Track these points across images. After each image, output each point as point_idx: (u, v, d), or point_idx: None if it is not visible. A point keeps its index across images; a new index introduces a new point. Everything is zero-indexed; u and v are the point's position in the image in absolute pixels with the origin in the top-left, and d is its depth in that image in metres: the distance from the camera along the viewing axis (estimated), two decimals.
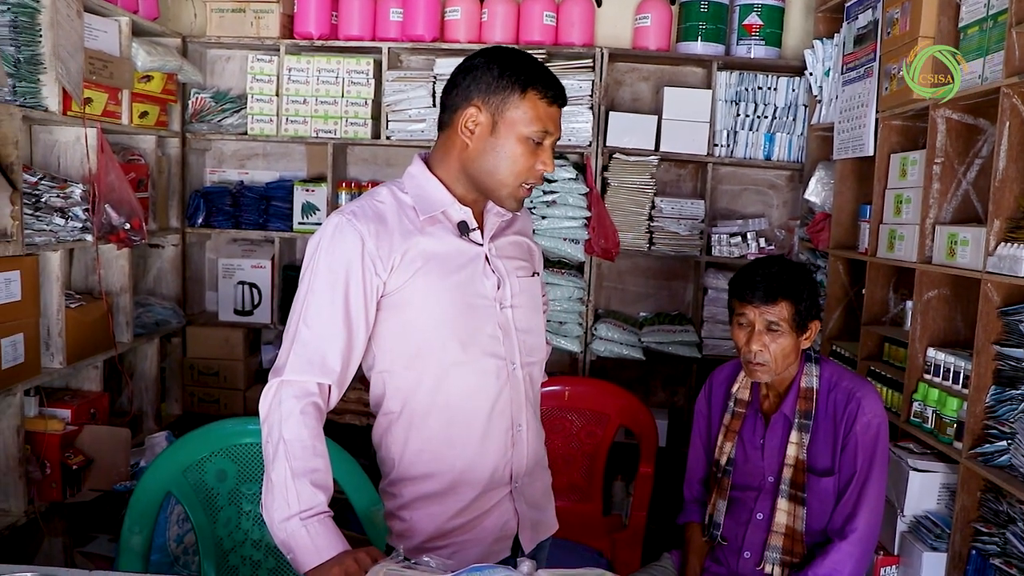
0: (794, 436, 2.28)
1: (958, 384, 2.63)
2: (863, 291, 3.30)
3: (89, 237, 3.33)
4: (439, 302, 1.71)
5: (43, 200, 3.14)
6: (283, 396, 1.61)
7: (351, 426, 3.66)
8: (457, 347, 1.72)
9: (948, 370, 2.68)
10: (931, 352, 2.78)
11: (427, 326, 1.71)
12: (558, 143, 4.07)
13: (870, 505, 2.22)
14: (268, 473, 1.58)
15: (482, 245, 1.79)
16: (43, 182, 3.14)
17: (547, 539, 2.00)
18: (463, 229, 1.77)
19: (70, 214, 3.24)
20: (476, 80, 1.71)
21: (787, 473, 2.27)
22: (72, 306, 3.39)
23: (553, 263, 4.24)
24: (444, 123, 1.78)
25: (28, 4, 3.01)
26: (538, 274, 1.94)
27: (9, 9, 2.95)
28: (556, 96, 1.73)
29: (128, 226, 3.50)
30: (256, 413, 1.65)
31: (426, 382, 1.73)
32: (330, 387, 1.65)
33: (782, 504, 2.27)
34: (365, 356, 1.74)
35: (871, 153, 3.19)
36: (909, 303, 2.99)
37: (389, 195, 1.75)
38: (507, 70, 1.69)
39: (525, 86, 1.69)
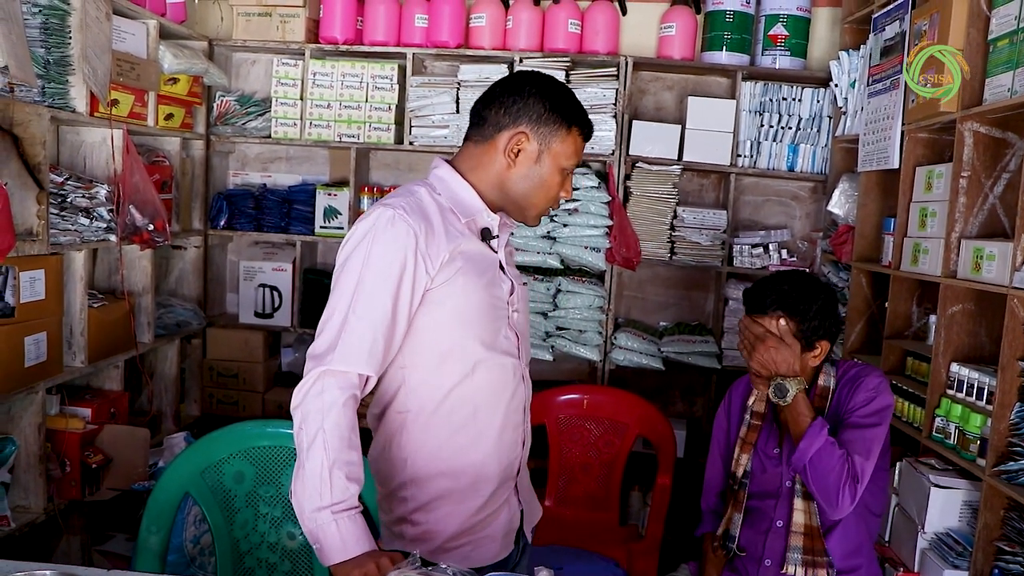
0: None
1: (982, 400, 2.59)
2: (886, 304, 3.27)
3: (113, 237, 3.36)
4: (471, 302, 1.75)
5: (69, 200, 3.17)
6: (326, 385, 1.61)
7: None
8: (482, 345, 1.77)
9: (972, 386, 2.65)
10: (954, 367, 2.75)
11: (457, 324, 1.74)
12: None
13: (866, 441, 2.19)
14: (302, 461, 1.58)
15: (497, 252, 1.86)
16: (69, 182, 3.17)
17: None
18: (485, 235, 1.82)
19: (95, 214, 3.27)
20: (527, 107, 1.78)
21: None
22: (95, 306, 3.41)
23: (574, 271, 4.24)
24: (483, 137, 1.82)
25: (59, 6, 3.04)
26: (526, 283, 2.05)
27: (40, 11, 2.99)
28: (588, 136, 1.86)
29: (151, 227, 3.52)
30: (274, 416, 1.66)
31: (452, 378, 1.75)
32: (368, 378, 1.66)
33: (798, 504, 2.27)
34: None
35: (896, 166, 3.16)
36: (932, 317, 2.96)
37: (427, 195, 1.78)
38: (558, 105, 1.79)
39: (571, 123, 1.80)
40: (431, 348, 1.74)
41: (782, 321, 2.24)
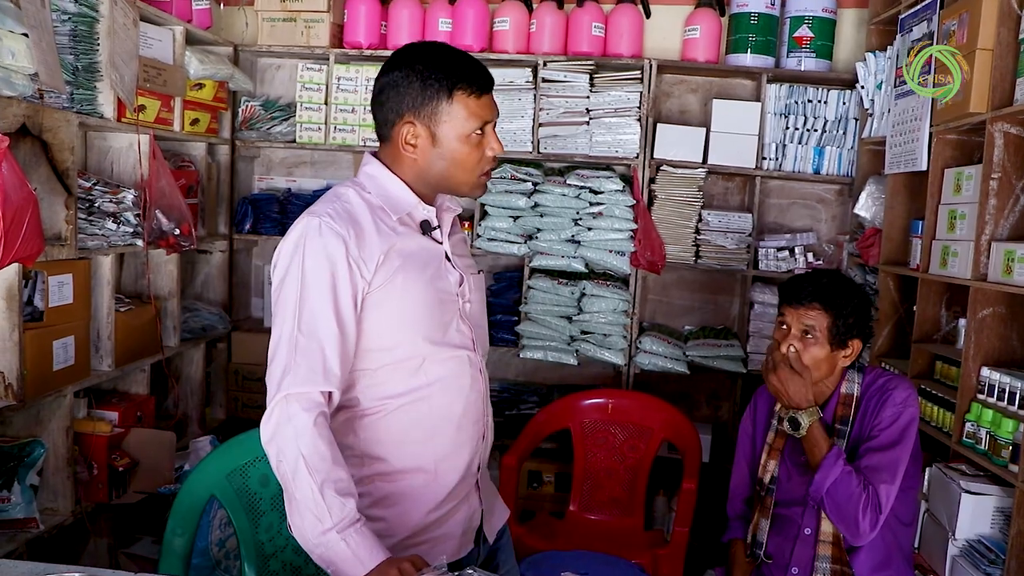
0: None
1: (1014, 405, 2.56)
2: (914, 308, 3.23)
3: (140, 242, 3.38)
4: (415, 299, 1.71)
5: (96, 205, 3.19)
6: (292, 411, 1.57)
7: None
8: (431, 342, 1.73)
9: (1003, 390, 2.61)
10: (985, 371, 2.71)
11: (403, 322, 1.71)
12: (604, 154, 4.09)
13: (891, 464, 2.16)
14: (291, 492, 1.55)
15: (442, 243, 1.82)
16: (97, 187, 3.20)
17: (505, 526, 2.02)
18: (425, 228, 1.79)
19: (122, 219, 3.29)
20: (400, 94, 1.72)
21: None
22: (122, 310, 3.44)
23: (598, 275, 4.22)
24: (383, 136, 1.79)
25: (87, 14, 3.07)
26: (482, 271, 1.98)
27: (70, 19, 3.02)
28: (482, 85, 1.74)
29: (178, 231, 3.55)
30: None
31: (402, 375, 1.72)
32: (331, 393, 1.63)
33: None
34: None
35: (924, 168, 3.13)
36: (962, 321, 2.93)
37: (356, 196, 1.74)
38: (428, 77, 1.70)
39: (450, 89, 1.70)
40: (378, 349, 1.71)
41: (821, 316, 2.22)
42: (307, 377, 1.59)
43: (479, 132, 1.74)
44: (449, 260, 1.82)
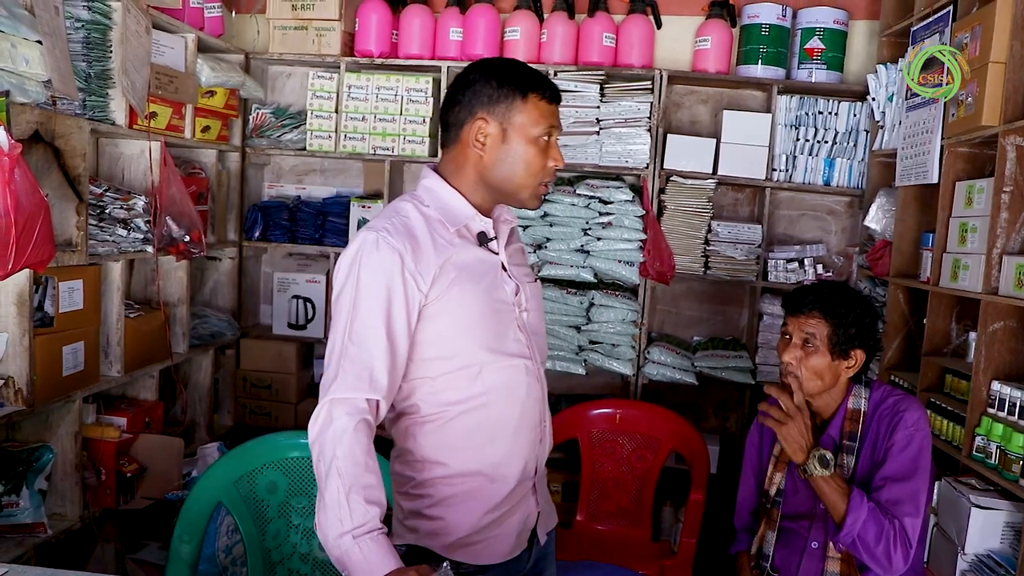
0: (840, 459, 2.24)
1: None
2: (924, 321, 3.22)
3: (150, 248, 3.39)
4: (471, 310, 1.76)
5: (107, 211, 3.21)
6: (335, 415, 1.62)
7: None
8: (488, 350, 1.78)
9: (1014, 404, 2.60)
10: (996, 385, 2.70)
11: (460, 333, 1.76)
12: (614, 164, 4.09)
13: (912, 496, 2.14)
14: (321, 491, 1.59)
15: (498, 254, 1.86)
16: (108, 194, 3.21)
17: (553, 530, 2.05)
18: (482, 239, 1.83)
19: (132, 225, 3.31)
20: (477, 94, 1.79)
21: None
22: (131, 316, 3.45)
23: (607, 285, 4.22)
24: (451, 139, 1.85)
25: (101, 21, 3.09)
26: (539, 280, 2.04)
27: (83, 26, 3.04)
28: (552, 95, 1.82)
29: (188, 238, 3.56)
30: (307, 427, 1.67)
31: (461, 385, 1.77)
32: (378, 402, 1.67)
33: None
34: None
35: (935, 180, 3.12)
36: (972, 334, 2.91)
37: (414, 210, 1.80)
38: (505, 78, 1.79)
39: (525, 91, 1.78)
40: (437, 359, 1.76)
41: (821, 325, 2.21)
42: (353, 384, 1.65)
43: (546, 138, 1.80)
44: (506, 270, 1.86)
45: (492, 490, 1.81)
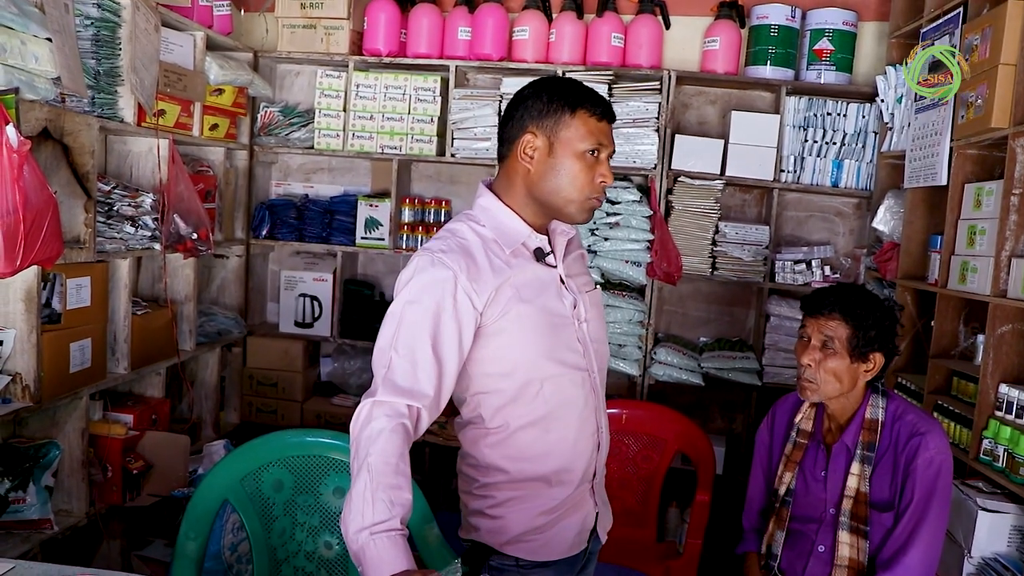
0: (855, 468, 2.23)
1: None
2: (931, 323, 3.21)
3: (157, 246, 3.40)
4: (530, 327, 1.80)
5: (115, 208, 3.21)
6: (374, 415, 1.66)
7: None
8: (548, 364, 1.82)
9: (1022, 407, 2.59)
10: (1003, 388, 2.69)
11: (521, 349, 1.80)
12: (622, 165, 4.09)
13: (924, 543, 2.14)
14: (351, 487, 1.63)
15: (555, 267, 1.90)
16: (116, 191, 3.22)
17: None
18: (539, 255, 1.87)
19: (140, 223, 3.31)
20: (528, 109, 1.83)
21: (847, 505, 2.22)
22: (138, 313, 3.46)
23: (614, 285, 4.21)
24: (504, 155, 1.89)
25: (110, 19, 3.10)
26: (598, 287, 2.07)
27: (93, 23, 3.04)
28: (604, 112, 1.84)
29: (195, 236, 3.56)
30: (313, 425, 1.69)
31: (523, 399, 1.83)
32: (419, 410, 1.70)
33: (844, 537, 2.22)
34: (460, 380, 1.81)
35: (944, 182, 3.11)
36: (980, 337, 2.90)
37: (470, 231, 1.84)
38: (555, 94, 1.82)
39: (574, 106, 1.81)
40: (498, 375, 1.82)
41: (840, 327, 2.21)
42: (395, 390, 1.69)
43: (593, 154, 1.81)
44: (564, 283, 1.90)
45: (551, 494, 1.87)
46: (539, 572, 1.88)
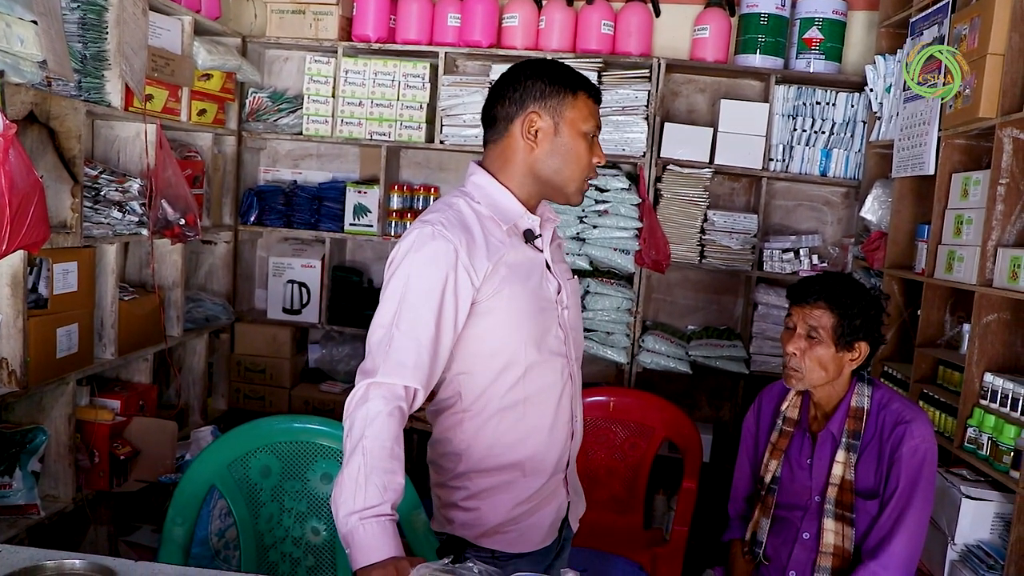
0: (840, 456, 2.24)
1: (1016, 411, 2.56)
2: (918, 312, 3.23)
3: (144, 231, 3.38)
4: (519, 308, 1.80)
5: (102, 193, 3.19)
6: (371, 396, 1.64)
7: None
8: (533, 348, 1.82)
9: (1006, 396, 2.61)
10: (988, 377, 2.71)
11: (508, 330, 1.79)
12: (611, 153, 4.10)
13: (908, 531, 2.15)
14: (343, 467, 1.61)
15: (543, 251, 1.90)
16: (103, 176, 3.20)
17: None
18: (528, 236, 1.86)
19: (127, 208, 3.30)
20: (528, 90, 1.83)
21: (832, 493, 2.23)
22: (125, 298, 3.44)
23: (602, 273, 4.22)
24: (498, 134, 1.87)
25: (96, 2, 3.07)
26: (576, 276, 2.07)
27: (79, 7, 3.01)
28: (597, 95, 1.89)
29: (183, 221, 3.55)
30: (300, 411, 1.69)
31: (505, 381, 1.81)
32: (416, 391, 1.69)
33: (829, 524, 2.23)
34: None
35: (932, 172, 3.12)
36: (966, 326, 2.92)
37: (466, 206, 1.82)
38: (556, 77, 1.84)
39: (575, 88, 1.84)
40: (485, 356, 1.80)
41: (826, 316, 2.21)
42: (395, 371, 1.67)
43: (591, 136, 1.85)
44: (549, 269, 1.90)
45: (525, 484, 1.86)
46: (515, 564, 1.86)
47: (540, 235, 1.89)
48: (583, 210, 4.09)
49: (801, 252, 4.19)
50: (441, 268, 1.70)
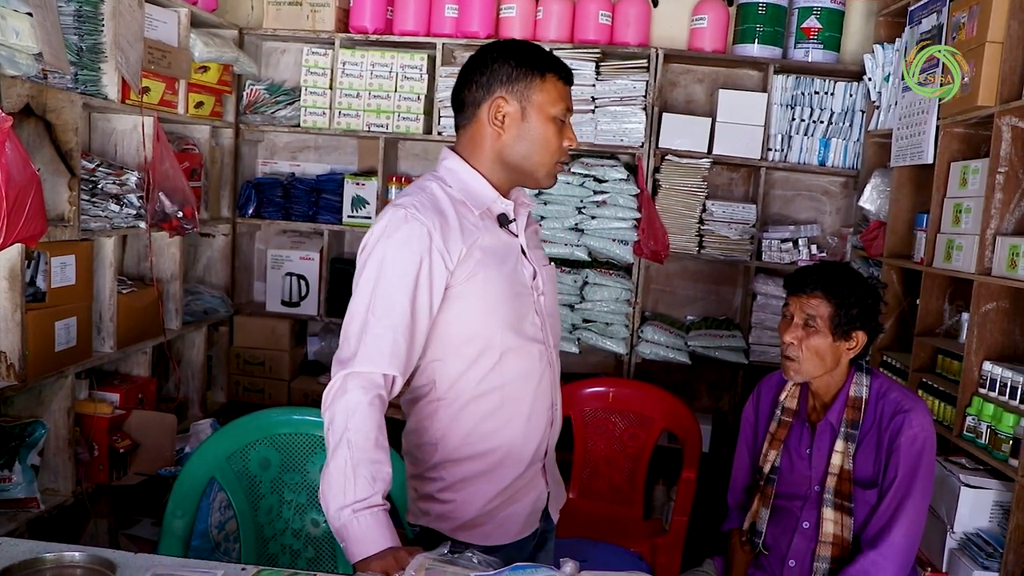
0: (839, 445, 2.24)
1: (1015, 399, 2.56)
2: (917, 301, 3.23)
3: (142, 224, 3.38)
4: (495, 293, 1.76)
5: (99, 186, 3.19)
6: (350, 387, 1.62)
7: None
8: (509, 334, 1.78)
9: (1005, 385, 2.61)
10: (987, 366, 2.71)
11: (483, 315, 1.76)
12: (609, 143, 4.08)
13: (907, 520, 2.15)
14: (328, 461, 1.60)
15: (518, 236, 1.87)
16: (100, 169, 3.19)
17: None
18: (502, 221, 1.83)
19: (125, 201, 3.29)
20: (495, 73, 1.79)
21: (831, 482, 2.23)
22: (124, 292, 3.44)
23: (601, 264, 4.22)
24: (467, 119, 1.84)
25: None
26: (552, 263, 2.05)
27: None
28: (568, 76, 1.84)
29: (181, 214, 3.54)
30: (300, 403, 1.68)
31: (480, 368, 1.77)
32: (395, 378, 1.67)
33: (828, 514, 2.23)
34: None
35: (930, 161, 3.12)
36: (965, 315, 2.92)
37: (439, 189, 1.79)
38: (523, 59, 1.79)
39: (543, 71, 1.79)
40: (459, 342, 1.76)
41: (823, 305, 2.21)
42: (372, 358, 1.64)
43: (562, 118, 1.80)
44: (525, 255, 1.87)
45: (502, 473, 1.82)
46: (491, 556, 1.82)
47: (514, 220, 1.85)
48: (582, 201, 4.08)
49: (800, 242, 4.19)
50: (415, 252, 1.67)
